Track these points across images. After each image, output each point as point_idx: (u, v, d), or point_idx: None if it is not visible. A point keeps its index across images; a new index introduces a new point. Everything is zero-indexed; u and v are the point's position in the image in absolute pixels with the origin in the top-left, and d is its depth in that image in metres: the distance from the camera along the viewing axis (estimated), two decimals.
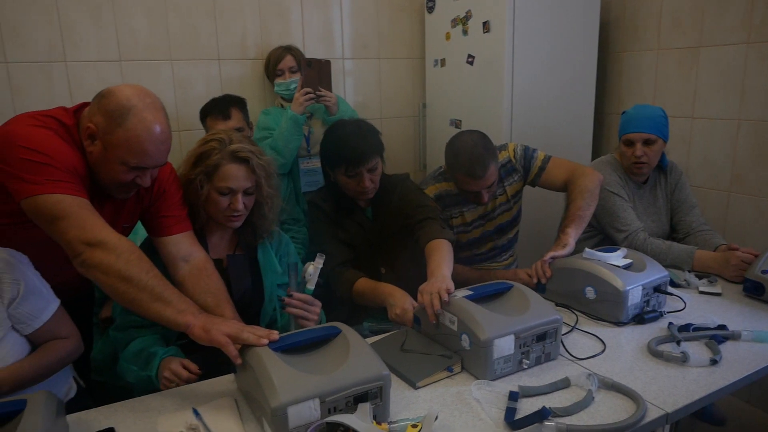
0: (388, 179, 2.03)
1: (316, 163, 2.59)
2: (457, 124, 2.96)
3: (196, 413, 1.24)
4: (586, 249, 1.78)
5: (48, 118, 1.37)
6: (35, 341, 1.39)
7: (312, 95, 2.44)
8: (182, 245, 1.57)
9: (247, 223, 1.71)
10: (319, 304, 1.58)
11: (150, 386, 1.44)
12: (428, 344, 1.49)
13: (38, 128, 1.33)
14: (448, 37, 2.94)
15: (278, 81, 2.66)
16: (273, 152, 2.40)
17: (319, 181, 2.58)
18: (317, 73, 2.47)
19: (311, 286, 1.58)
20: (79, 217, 1.28)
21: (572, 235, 1.89)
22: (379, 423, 1.13)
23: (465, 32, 2.81)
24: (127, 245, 1.31)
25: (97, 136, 1.36)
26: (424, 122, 3.26)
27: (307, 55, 2.73)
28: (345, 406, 1.13)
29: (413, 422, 1.14)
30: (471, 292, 1.48)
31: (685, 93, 2.74)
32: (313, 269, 1.57)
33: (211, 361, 1.56)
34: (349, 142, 1.88)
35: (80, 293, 1.84)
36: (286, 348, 1.22)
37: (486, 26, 2.67)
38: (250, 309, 1.69)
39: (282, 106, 2.67)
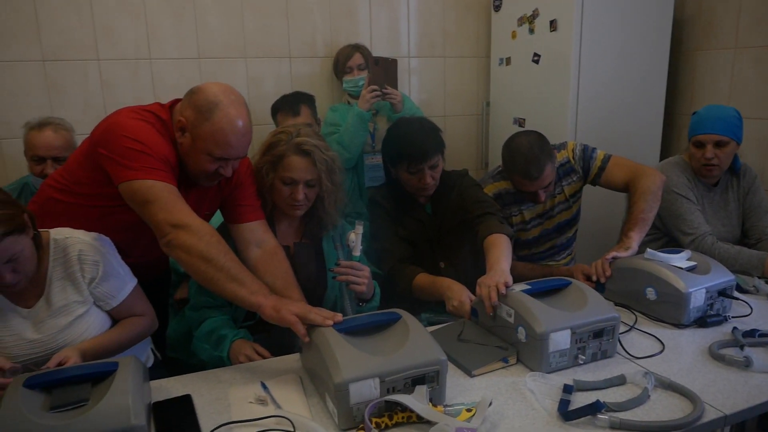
0: (447, 176, 2.07)
1: (380, 158, 2.66)
2: (520, 122, 2.96)
3: (264, 387, 1.33)
4: (648, 249, 1.77)
5: (147, 113, 1.51)
6: (115, 316, 1.53)
7: (378, 93, 2.51)
8: (256, 232, 1.68)
9: (312, 215, 1.80)
10: (367, 269, 1.65)
11: (221, 364, 1.55)
12: (485, 335, 1.53)
13: (139, 121, 1.47)
14: (514, 35, 2.95)
15: (346, 78, 2.75)
16: (339, 147, 2.49)
17: (383, 176, 2.65)
18: (384, 71, 2.54)
19: (356, 253, 1.68)
20: (168, 201, 1.41)
21: (635, 239, 1.87)
22: (435, 405, 1.18)
23: (531, 31, 2.81)
24: (208, 229, 1.43)
25: (187, 128, 1.49)
26: (487, 120, 3.27)
27: (374, 54, 2.82)
28: (403, 387, 1.19)
29: (468, 406, 1.19)
30: (529, 287, 1.50)
31: (763, 93, 2.63)
32: (355, 236, 1.66)
33: (275, 343, 1.68)
34: (411, 140, 1.93)
35: (159, 275, 1.99)
36: (349, 330, 1.29)
37: (553, 25, 2.66)
38: (313, 295, 1.78)
39: (349, 103, 2.75)
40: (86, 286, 1.44)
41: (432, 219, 2.05)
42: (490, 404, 1.19)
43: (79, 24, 2.52)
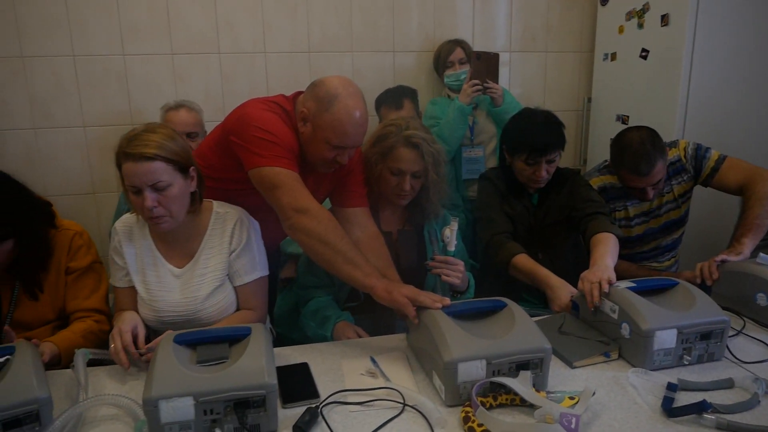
0: (560, 172, 2.08)
1: (478, 152, 2.71)
2: (624, 120, 2.90)
3: (374, 361, 1.44)
4: (761, 254, 1.71)
5: (273, 104, 1.65)
6: (238, 296, 1.63)
7: (479, 87, 2.56)
8: (360, 217, 1.79)
9: (416, 204, 1.88)
10: (461, 263, 1.70)
11: (325, 341, 1.66)
12: (585, 329, 1.56)
13: (267, 112, 1.61)
14: (621, 30, 2.88)
15: (448, 72, 2.80)
16: (438, 140, 2.54)
17: (481, 169, 2.70)
18: (485, 65, 2.58)
19: (451, 248, 1.73)
20: (292, 187, 1.54)
21: (748, 245, 1.81)
22: (538, 391, 1.23)
23: (640, 25, 2.74)
24: (327, 214, 1.55)
25: (309, 118, 1.61)
26: (587, 117, 3.22)
27: (475, 48, 2.86)
28: (508, 370, 1.25)
29: (570, 394, 1.23)
30: (634, 284, 1.51)
31: None
32: (450, 232, 1.71)
33: (376, 323, 1.79)
34: (534, 132, 1.95)
35: (270, 255, 2.15)
36: (456, 313, 1.36)
37: (665, 19, 2.58)
38: (414, 281, 1.85)
39: (449, 96, 2.81)
40: (227, 256, 1.58)
41: (537, 209, 2.07)
42: (594, 394, 1.22)
43: (204, 20, 2.74)
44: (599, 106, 3.13)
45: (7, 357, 1.21)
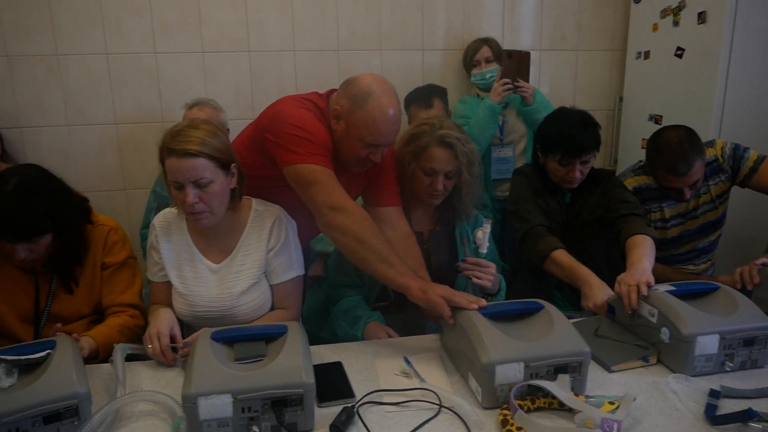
0: (595, 172, 2.04)
1: (507, 151, 2.68)
2: (657, 119, 2.84)
3: (408, 361, 1.43)
4: None
5: (307, 101, 1.65)
6: (273, 295, 1.64)
7: (510, 86, 2.53)
8: (392, 216, 1.78)
9: (447, 204, 1.87)
10: (493, 265, 1.67)
11: (355, 340, 1.65)
12: (622, 333, 1.53)
13: (301, 109, 1.61)
14: (655, 28, 2.83)
15: (474, 71, 2.78)
16: None
17: (510, 169, 2.67)
18: (516, 64, 2.55)
19: (483, 250, 1.70)
20: (327, 185, 1.53)
21: None
22: (576, 395, 1.21)
23: (676, 23, 2.68)
24: (363, 212, 1.54)
25: (342, 116, 1.61)
26: (619, 116, 3.17)
27: (506, 47, 2.82)
28: (545, 373, 1.23)
29: (610, 399, 1.21)
30: (674, 288, 1.47)
31: None
32: (482, 234, 1.68)
33: (406, 323, 1.78)
34: (569, 132, 1.91)
35: None
36: (493, 315, 1.34)
37: (701, 17, 2.52)
38: (445, 281, 1.83)
39: (478, 95, 2.79)
40: (265, 254, 1.59)
41: (569, 208, 2.04)
42: (635, 400, 1.20)
43: (235, 18, 2.75)
44: (631, 105, 3.08)
45: (48, 351, 1.23)
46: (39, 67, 2.65)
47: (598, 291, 1.67)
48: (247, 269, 1.57)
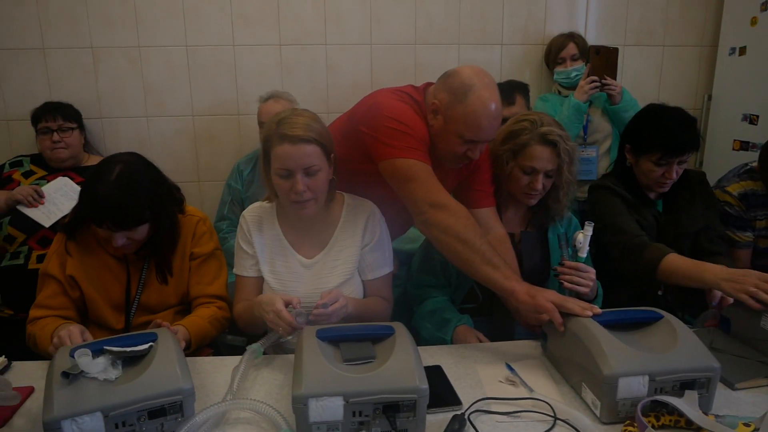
0: (685, 174, 1.92)
1: (591, 152, 2.57)
2: (752, 119, 2.67)
3: (510, 368, 1.36)
4: None
5: (404, 94, 1.59)
6: (366, 291, 1.61)
7: (597, 84, 2.42)
8: (487, 218, 1.71)
9: (541, 204, 1.78)
10: (592, 270, 1.56)
11: (441, 343, 1.60)
12: (740, 347, 1.42)
13: (399, 102, 1.56)
14: (753, 22, 2.65)
15: (558, 69, 2.67)
16: None
17: (593, 170, 2.56)
18: (604, 60, 2.44)
19: (582, 254, 1.59)
20: (426, 181, 1.48)
21: None
22: (705, 413, 1.12)
23: None
24: (465, 211, 1.47)
25: (440, 111, 1.54)
26: (707, 115, 3.00)
27: (588, 42, 2.71)
28: (671, 389, 1.15)
29: (745, 420, 1.11)
30: None
31: None
32: (583, 237, 1.57)
33: (494, 327, 1.71)
34: (670, 130, 1.80)
35: None
36: (607, 323, 1.26)
37: None
38: (536, 284, 1.77)
39: (559, 93, 2.68)
40: (360, 249, 1.55)
41: (666, 219, 1.92)
42: None
43: (313, 11, 2.72)
44: (722, 104, 2.90)
45: (151, 344, 1.22)
46: (121, 59, 2.69)
47: (742, 280, 1.44)
48: (341, 264, 1.53)
